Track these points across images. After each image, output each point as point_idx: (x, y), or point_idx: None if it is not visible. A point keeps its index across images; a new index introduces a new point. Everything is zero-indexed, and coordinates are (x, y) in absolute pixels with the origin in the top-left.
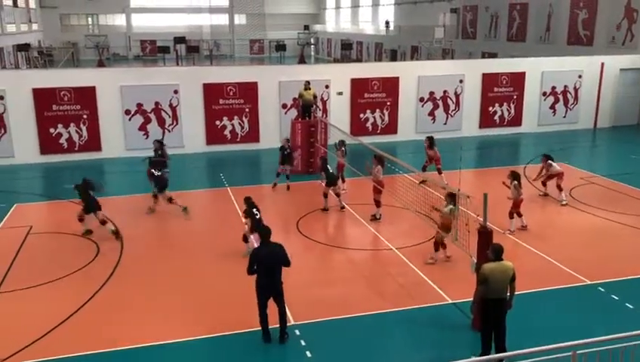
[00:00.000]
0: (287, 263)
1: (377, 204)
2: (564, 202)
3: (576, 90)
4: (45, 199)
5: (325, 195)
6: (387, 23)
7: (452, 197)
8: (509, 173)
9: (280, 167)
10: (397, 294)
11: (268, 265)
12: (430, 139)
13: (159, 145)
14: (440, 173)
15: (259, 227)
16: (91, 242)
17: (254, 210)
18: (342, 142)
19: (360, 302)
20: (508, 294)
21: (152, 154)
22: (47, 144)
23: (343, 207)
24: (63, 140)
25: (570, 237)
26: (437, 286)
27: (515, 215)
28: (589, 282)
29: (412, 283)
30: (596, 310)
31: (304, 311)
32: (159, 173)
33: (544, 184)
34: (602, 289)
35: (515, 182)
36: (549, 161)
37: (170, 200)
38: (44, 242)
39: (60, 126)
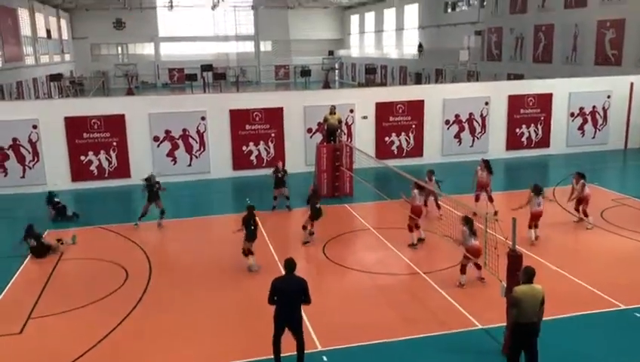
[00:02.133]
0: (307, 300)
1: (410, 228)
2: (590, 226)
3: (605, 110)
4: (76, 226)
5: (304, 227)
6: (420, 45)
7: (467, 221)
8: (532, 186)
9: (275, 190)
10: (425, 319)
11: (287, 298)
12: (487, 163)
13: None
14: (491, 200)
15: (251, 238)
16: (120, 267)
17: (252, 221)
18: (431, 171)
19: (388, 327)
20: (536, 319)
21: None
22: (78, 171)
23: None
24: (93, 167)
25: (603, 260)
26: (466, 311)
27: (534, 226)
28: (624, 307)
29: (440, 308)
30: (632, 336)
31: (331, 336)
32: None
33: (577, 210)
34: (638, 315)
35: (532, 194)
36: (582, 181)
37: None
38: (75, 268)
39: (90, 153)
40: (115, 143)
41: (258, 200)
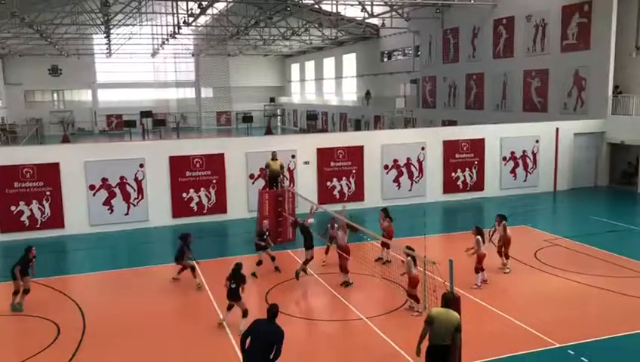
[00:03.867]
0: (277, 353)
1: (343, 270)
2: (508, 271)
3: (534, 154)
4: (3, 280)
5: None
6: (368, 92)
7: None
8: (474, 228)
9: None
10: None
11: (259, 343)
12: (385, 211)
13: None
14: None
15: (231, 296)
16: (51, 323)
17: (233, 279)
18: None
19: None
20: (449, 342)
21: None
22: (8, 222)
23: (297, 274)
24: (24, 218)
25: (537, 299)
26: (409, 355)
27: (479, 270)
28: (559, 345)
29: (386, 355)
30: None
31: None
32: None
33: (500, 253)
34: (572, 352)
35: (479, 237)
36: (504, 223)
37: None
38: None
39: (21, 203)
40: (48, 193)
41: (199, 249)
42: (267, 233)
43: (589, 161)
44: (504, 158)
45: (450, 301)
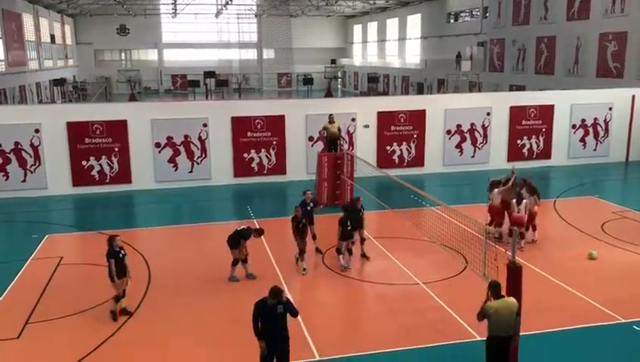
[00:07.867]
0: (294, 312)
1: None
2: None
3: (606, 122)
4: (76, 230)
5: (338, 251)
6: (459, 54)
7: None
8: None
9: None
10: (424, 330)
11: (273, 319)
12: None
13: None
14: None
15: (349, 236)
16: None
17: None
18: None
19: (387, 337)
20: (511, 333)
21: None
22: (79, 176)
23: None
24: (94, 172)
25: (602, 273)
26: (465, 322)
27: (530, 227)
28: (624, 320)
29: (439, 319)
30: (632, 350)
31: (330, 345)
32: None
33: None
34: (638, 329)
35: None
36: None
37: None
38: (73, 273)
39: (92, 158)
40: (116, 149)
41: (259, 208)
42: (312, 204)
43: None
44: (574, 126)
45: (499, 288)
